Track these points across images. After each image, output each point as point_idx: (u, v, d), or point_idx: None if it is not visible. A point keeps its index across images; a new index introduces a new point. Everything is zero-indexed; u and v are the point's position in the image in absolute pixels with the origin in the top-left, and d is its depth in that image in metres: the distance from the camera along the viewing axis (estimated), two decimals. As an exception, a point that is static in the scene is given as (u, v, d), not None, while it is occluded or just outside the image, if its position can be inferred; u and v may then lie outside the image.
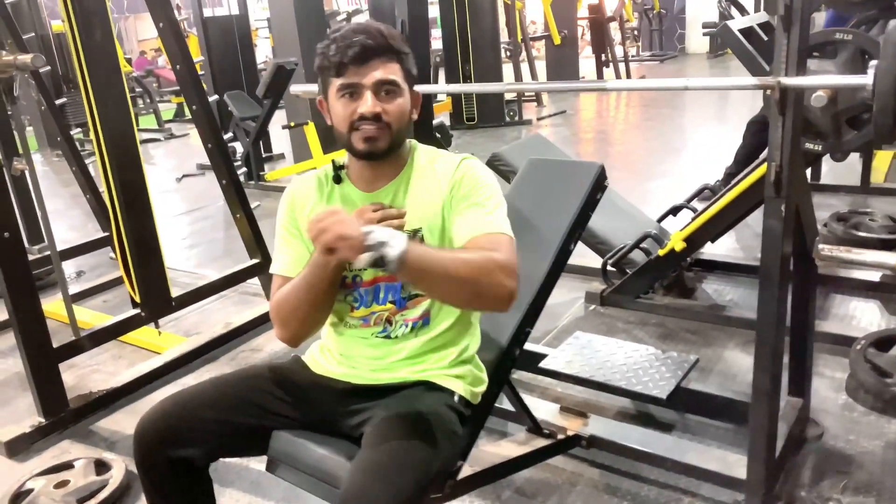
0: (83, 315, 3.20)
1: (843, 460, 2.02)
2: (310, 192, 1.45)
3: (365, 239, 1.11)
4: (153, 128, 9.89)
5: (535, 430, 1.99)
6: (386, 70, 1.31)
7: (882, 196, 4.28)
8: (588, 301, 3.15)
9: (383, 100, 1.32)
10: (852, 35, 2.03)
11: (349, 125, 1.33)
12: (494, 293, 1.25)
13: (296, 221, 1.44)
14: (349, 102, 1.32)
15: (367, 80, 1.30)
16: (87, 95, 2.54)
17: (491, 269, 1.24)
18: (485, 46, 7.86)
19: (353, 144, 1.34)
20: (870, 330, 2.61)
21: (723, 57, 13.12)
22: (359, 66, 1.30)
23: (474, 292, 1.25)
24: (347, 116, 1.32)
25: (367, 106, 1.30)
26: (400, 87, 1.34)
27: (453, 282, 1.22)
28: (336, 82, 1.32)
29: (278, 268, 1.44)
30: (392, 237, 1.13)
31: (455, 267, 1.22)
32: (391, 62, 1.33)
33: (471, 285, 1.23)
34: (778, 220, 1.61)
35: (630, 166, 5.78)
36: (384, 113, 1.32)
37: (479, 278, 1.23)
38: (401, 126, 1.35)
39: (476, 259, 1.25)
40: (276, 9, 6.65)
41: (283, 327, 1.39)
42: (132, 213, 2.69)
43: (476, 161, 1.43)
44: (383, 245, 1.11)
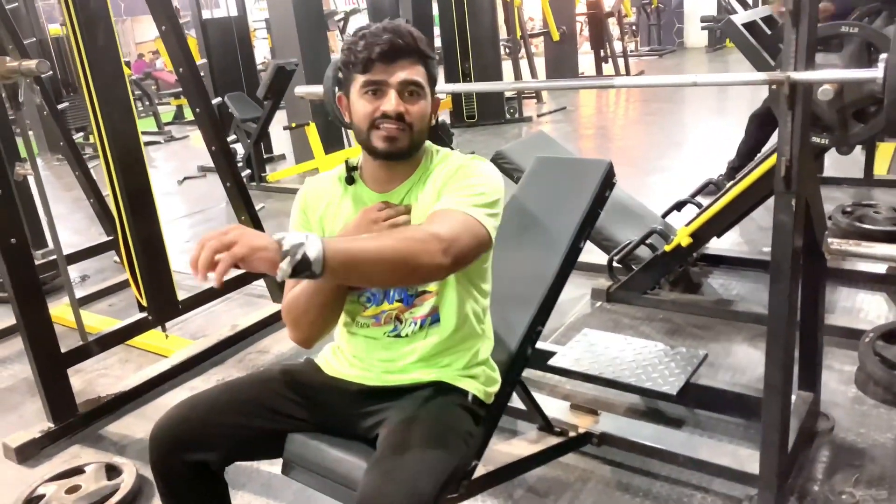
0: (89, 319, 3.19)
1: (855, 454, 2.02)
2: (323, 192, 1.45)
3: (280, 245, 1.02)
4: (153, 130, 9.89)
5: (547, 428, 1.99)
6: (412, 71, 1.31)
7: (885, 188, 4.28)
8: (594, 298, 3.15)
9: (407, 100, 1.31)
10: (858, 28, 2.03)
11: (370, 122, 1.32)
12: (426, 268, 1.17)
13: (308, 223, 1.44)
14: (372, 100, 1.31)
15: (392, 78, 1.30)
16: (90, 98, 2.54)
17: (419, 242, 1.16)
18: (484, 44, 7.85)
19: (373, 143, 1.33)
20: (877, 323, 2.61)
21: (721, 51, 13.11)
22: (386, 64, 1.29)
23: (407, 271, 1.17)
24: (369, 114, 1.31)
25: (392, 105, 1.29)
26: (424, 89, 1.33)
27: (383, 266, 1.14)
28: (360, 79, 1.31)
29: None
30: (306, 238, 1.04)
31: (379, 251, 1.13)
32: (417, 64, 1.32)
33: (402, 265, 1.15)
34: (788, 215, 1.60)
35: (632, 161, 5.77)
36: (407, 113, 1.31)
37: (407, 256, 1.14)
38: (421, 128, 1.35)
39: (406, 235, 1.21)
40: (275, 10, 6.64)
41: (295, 329, 1.41)
42: (137, 216, 2.68)
43: (482, 160, 1.41)
44: (300, 247, 1.03)
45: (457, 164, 1.39)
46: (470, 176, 1.34)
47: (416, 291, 1.39)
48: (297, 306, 1.37)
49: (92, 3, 2.48)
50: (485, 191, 1.32)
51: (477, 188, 1.31)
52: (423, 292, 1.39)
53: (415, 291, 1.39)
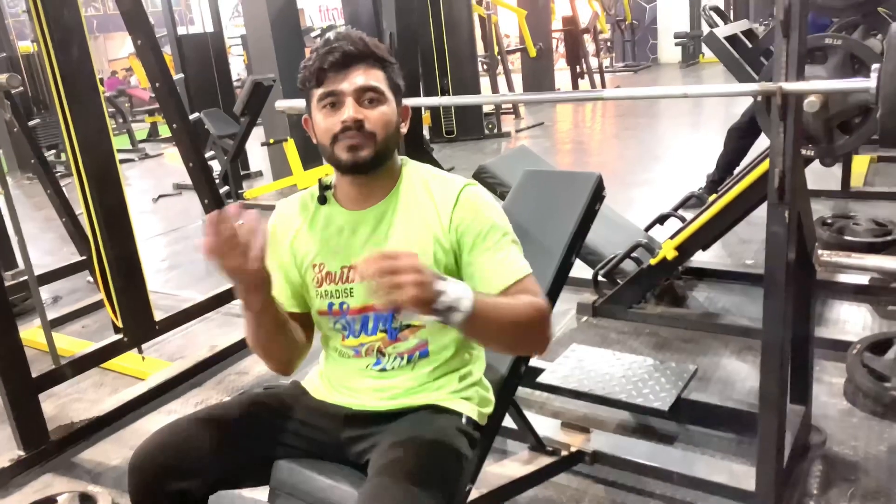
0: (62, 342, 3.10)
1: (849, 467, 2.00)
2: (293, 215, 1.37)
3: (436, 303, 1.02)
4: (127, 148, 9.74)
5: (539, 447, 1.94)
6: (368, 76, 1.24)
7: (862, 200, 4.32)
8: (580, 312, 3.12)
9: (366, 107, 1.24)
10: (842, 40, 2.04)
11: (332, 137, 1.25)
12: (541, 339, 1.23)
13: (276, 251, 1.35)
14: (331, 113, 1.25)
15: (347, 86, 1.23)
16: (63, 114, 2.46)
17: (541, 316, 1.21)
18: (462, 60, 7.87)
19: (337, 156, 1.25)
20: (863, 334, 2.62)
21: (695, 66, 13.31)
22: (338, 72, 1.23)
23: (521, 343, 1.24)
24: (329, 128, 1.25)
25: (349, 113, 1.22)
26: (384, 94, 1.26)
27: (508, 333, 1.19)
28: (316, 93, 1.25)
29: None
30: (461, 297, 1.04)
31: (512, 318, 1.17)
32: (373, 69, 1.26)
33: (524, 334, 1.21)
34: (782, 227, 1.58)
35: (612, 175, 5.78)
36: (367, 120, 1.23)
37: (528, 329, 1.20)
38: (386, 136, 1.26)
39: (528, 309, 1.20)
40: (251, 26, 6.60)
41: (267, 361, 1.34)
42: (113, 235, 2.60)
43: (478, 189, 1.34)
44: (451, 311, 1.04)
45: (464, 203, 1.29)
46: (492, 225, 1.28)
47: (400, 324, 1.31)
48: (255, 342, 1.29)
49: (65, 18, 2.42)
50: (513, 235, 1.30)
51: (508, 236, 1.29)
52: (408, 326, 1.31)
53: (399, 325, 1.31)
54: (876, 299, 2.98)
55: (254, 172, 7.33)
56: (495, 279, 1.24)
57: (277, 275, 1.34)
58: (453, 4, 7.74)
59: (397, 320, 1.31)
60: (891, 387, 2.24)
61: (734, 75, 2.52)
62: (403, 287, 0.98)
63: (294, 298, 1.37)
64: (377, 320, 1.32)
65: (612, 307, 3.04)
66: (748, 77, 2.47)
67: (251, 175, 7.27)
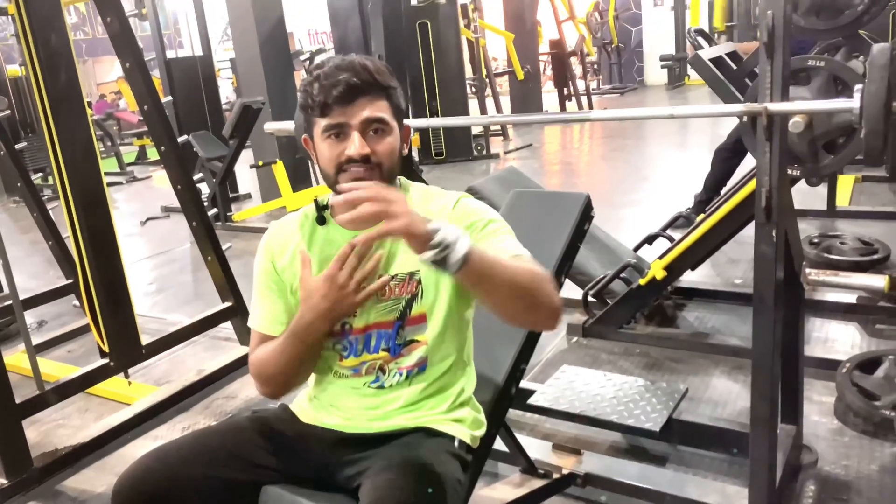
0: (47, 367, 3.05)
1: (841, 487, 1.99)
2: (289, 235, 1.37)
3: (431, 237, 1.03)
4: (115, 171, 9.73)
5: (530, 470, 1.93)
6: (374, 108, 1.24)
7: (848, 219, 4.36)
8: (570, 333, 3.12)
9: (372, 139, 1.24)
10: (825, 62, 2.07)
11: (336, 167, 1.25)
12: (548, 305, 1.18)
13: (275, 273, 1.35)
14: (336, 143, 1.24)
15: (353, 119, 1.23)
16: (50, 138, 2.46)
17: (539, 280, 1.17)
18: (450, 82, 7.93)
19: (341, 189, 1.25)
20: (852, 352, 2.62)
21: (681, 87, 13.45)
22: (344, 105, 1.22)
23: (532, 303, 1.17)
24: (334, 158, 1.25)
25: (355, 148, 1.22)
26: (389, 124, 1.26)
27: (513, 288, 1.14)
28: (321, 122, 1.25)
29: (257, 324, 1.37)
30: (457, 238, 1.05)
31: (514, 272, 1.14)
32: (379, 99, 1.25)
33: (529, 294, 1.16)
34: (770, 246, 1.59)
35: (601, 196, 5.81)
36: (373, 154, 1.24)
37: (536, 287, 1.16)
38: (391, 165, 1.28)
39: (525, 271, 1.17)
40: (241, 49, 6.63)
41: (266, 385, 1.34)
42: (99, 259, 2.58)
43: (472, 198, 1.37)
44: (448, 248, 1.04)
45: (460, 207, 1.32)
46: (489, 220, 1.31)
47: (404, 340, 1.32)
48: (269, 365, 1.31)
49: (53, 42, 2.42)
50: (508, 226, 1.32)
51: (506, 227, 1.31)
52: (411, 341, 1.32)
53: (403, 340, 1.32)
54: (864, 318, 2.99)
55: (243, 195, 7.32)
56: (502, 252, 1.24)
57: (275, 297, 1.35)
58: (442, 28, 7.81)
59: (401, 336, 1.31)
60: (881, 405, 2.24)
61: (720, 96, 2.55)
62: (397, 215, 1.02)
63: (286, 323, 1.34)
64: (380, 338, 1.32)
65: (603, 328, 3.04)
66: (733, 98, 2.49)
67: (240, 197, 7.25)
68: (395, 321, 1.31)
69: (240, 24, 6.45)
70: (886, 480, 2.00)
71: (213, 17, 9.40)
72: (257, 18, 6.25)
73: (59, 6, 2.45)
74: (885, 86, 1.35)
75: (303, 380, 1.37)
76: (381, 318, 1.31)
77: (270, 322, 1.35)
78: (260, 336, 1.36)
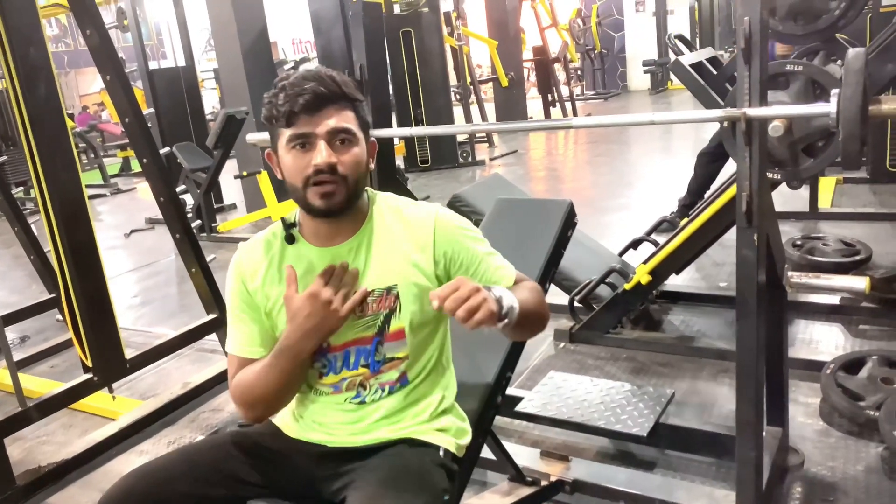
0: (29, 383, 3.02)
1: (827, 488, 2.00)
2: (259, 258, 1.33)
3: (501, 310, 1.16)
4: (98, 183, 9.66)
5: (518, 478, 1.93)
6: (340, 118, 1.22)
7: (830, 220, 4.40)
8: (557, 339, 3.12)
9: (338, 150, 1.22)
10: (803, 66, 2.09)
11: (304, 180, 1.22)
12: (544, 318, 1.35)
13: (247, 295, 1.32)
14: (301, 154, 1.22)
15: (320, 128, 1.21)
16: (30, 152, 2.43)
17: (541, 298, 1.35)
18: (435, 90, 7.95)
19: (310, 201, 1.24)
20: (836, 353, 2.64)
21: (664, 92, 13.56)
22: (311, 114, 1.21)
23: (536, 323, 1.32)
24: (301, 170, 1.22)
25: (322, 157, 1.20)
26: (355, 135, 1.25)
27: (533, 319, 1.29)
28: (286, 133, 1.23)
29: (235, 348, 1.34)
30: (511, 300, 1.18)
31: (533, 303, 1.29)
32: (345, 110, 1.24)
33: (536, 317, 1.30)
34: (751, 250, 1.60)
35: (585, 202, 5.84)
36: (340, 164, 1.22)
37: (540, 310, 1.32)
38: (358, 177, 1.26)
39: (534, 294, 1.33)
40: (224, 59, 6.61)
41: (250, 410, 1.31)
42: (82, 272, 2.56)
43: (447, 212, 1.36)
44: (511, 312, 1.17)
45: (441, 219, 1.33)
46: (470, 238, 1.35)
47: (383, 357, 1.30)
48: (253, 390, 1.28)
49: (32, 56, 2.39)
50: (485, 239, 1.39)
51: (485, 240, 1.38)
52: (391, 359, 1.31)
53: (382, 357, 1.30)
54: (848, 318, 3.02)
55: (228, 205, 7.29)
56: (504, 280, 1.33)
57: (251, 320, 1.33)
58: (425, 36, 7.83)
59: (380, 353, 1.30)
60: (865, 406, 2.26)
61: (700, 101, 2.57)
62: (481, 308, 1.11)
63: (263, 346, 1.32)
64: (359, 354, 1.30)
65: (589, 333, 3.05)
66: (714, 103, 2.51)
67: (225, 208, 7.22)
68: (374, 336, 1.30)
69: (222, 35, 6.44)
70: (872, 481, 2.01)
71: (197, 27, 9.38)
72: (240, 28, 6.24)
73: (37, 20, 2.43)
74: (860, 90, 1.36)
75: (289, 401, 1.35)
76: (359, 334, 1.30)
77: (248, 345, 1.33)
78: (238, 360, 1.33)
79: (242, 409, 1.32)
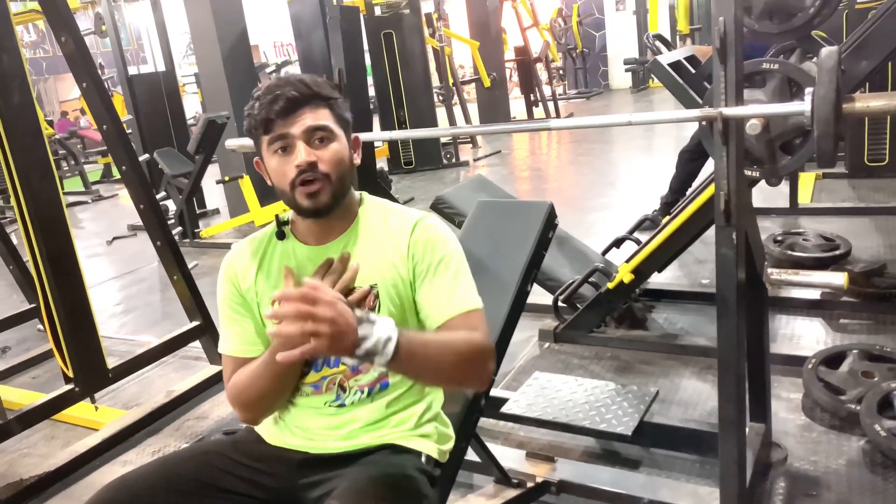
0: (10, 394, 2.99)
1: (810, 482, 2.02)
2: (249, 256, 1.35)
3: (357, 349, 1.05)
4: (80, 190, 9.57)
5: (504, 480, 1.93)
6: (315, 117, 1.25)
7: (810, 216, 4.44)
8: (542, 339, 3.12)
9: (317, 147, 1.25)
10: (779, 65, 2.10)
11: (290, 183, 1.25)
12: (477, 376, 1.25)
13: (238, 294, 1.34)
14: (283, 158, 1.25)
15: (295, 128, 1.23)
16: (5, 160, 2.40)
17: (475, 354, 1.22)
18: (417, 92, 7.94)
19: (298, 202, 1.27)
20: (817, 348, 2.66)
21: (645, 91, 13.63)
22: (286, 118, 1.23)
23: (458, 378, 1.24)
24: (285, 173, 1.25)
25: (302, 156, 1.23)
26: (333, 132, 1.27)
27: (439, 371, 1.20)
28: (266, 139, 1.26)
29: (229, 349, 1.35)
30: (386, 340, 1.06)
31: (440, 356, 1.19)
32: (320, 108, 1.26)
33: (456, 372, 1.22)
34: (730, 248, 1.61)
35: (569, 201, 5.86)
36: (320, 161, 1.24)
37: (464, 365, 1.21)
38: (341, 173, 1.28)
39: (460, 345, 1.22)
40: (204, 64, 6.57)
41: (247, 411, 1.32)
42: (61, 282, 2.53)
43: (434, 220, 1.36)
44: (374, 354, 1.06)
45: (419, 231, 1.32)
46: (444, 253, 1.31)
47: None
48: (249, 391, 1.29)
49: (5, 64, 2.36)
50: (464, 267, 1.32)
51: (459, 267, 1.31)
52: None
53: None
54: (829, 313, 3.05)
55: (210, 210, 7.24)
56: (440, 311, 1.27)
57: (243, 319, 1.34)
58: (406, 38, 7.82)
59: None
60: (846, 400, 2.28)
61: (679, 100, 2.57)
62: (320, 336, 1.00)
63: (257, 344, 1.33)
64: None
65: (573, 332, 3.05)
66: (693, 102, 2.52)
67: (208, 213, 7.17)
68: None
69: (202, 39, 6.39)
70: (854, 474, 2.03)
71: (177, 31, 9.31)
72: (219, 32, 6.20)
73: (10, 27, 2.40)
74: (833, 88, 1.38)
75: (283, 400, 1.34)
76: None
77: (242, 344, 1.34)
78: (233, 360, 1.34)
79: (239, 410, 1.32)
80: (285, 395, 1.33)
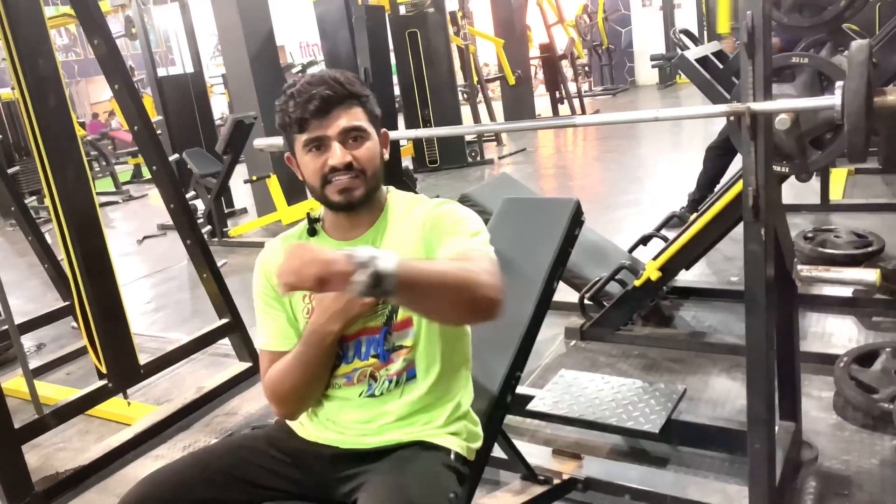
0: (46, 390, 3.06)
1: (842, 482, 1.99)
2: (281, 254, 1.37)
3: (352, 257, 0.99)
4: (111, 190, 9.75)
5: (530, 476, 1.93)
6: (350, 117, 1.28)
7: (842, 212, 4.37)
8: (568, 337, 3.12)
9: (351, 147, 1.28)
10: (809, 59, 2.07)
11: (321, 179, 1.29)
12: (485, 297, 1.13)
13: (272, 290, 1.37)
14: (317, 155, 1.28)
15: (331, 130, 1.27)
16: (41, 161, 2.46)
17: (477, 272, 1.14)
18: (442, 90, 7.95)
19: (329, 197, 1.30)
20: (849, 346, 2.62)
21: (672, 87, 13.49)
22: (321, 118, 1.26)
23: (468, 299, 1.12)
24: (318, 170, 1.29)
25: (337, 157, 1.27)
26: (366, 131, 1.30)
27: (447, 290, 1.11)
28: (301, 138, 1.29)
29: (264, 343, 1.38)
30: (379, 251, 1.02)
31: (445, 272, 1.12)
32: (353, 107, 1.29)
33: (464, 292, 1.12)
34: (758, 245, 1.60)
35: (595, 198, 5.83)
36: (355, 161, 1.28)
37: (470, 283, 1.12)
38: (374, 170, 1.32)
39: (461, 264, 1.16)
40: (231, 65, 6.65)
41: (282, 405, 1.35)
42: (94, 280, 2.59)
43: (450, 205, 1.39)
44: (374, 259, 0.99)
45: (437, 210, 1.35)
46: (459, 217, 1.32)
47: (392, 346, 1.33)
48: (283, 384, 1.31)
49: (41, 67, 2.43)
50: (480, 227, 1.32)
51: (473, 226, 1.31)
52: (399, 347, 1.33)
53: (391, 346, 1.33)
54: (861, 311, 3.00)
55: (238, 210, 7.32)
56: (443, 253, 1.26)
57: (278, 313, 1.37)
58: (431, 36, 7.83)
59: (389, 342, 1.32)
60: (879, 398, 2.24)
61: (707, 96, 2.55)
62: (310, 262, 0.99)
63: (287, 336, 1.36)
64: (369, 344, 1.33)
65: (600, 330, 3.04)
66: (721, 97, 2.49)
67: (236, 212, 7.26)
68: (382, 326, 1.32)
69: (229, 40, 6.47)
70: (887, 474, 2.00)
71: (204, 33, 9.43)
72: (246, 34, 6.27)
73: (45, 32, 2.46)
74: (864, 82, 1.36)
75: (318, 393, 1.36)
76: (368, 323, 1.32)
77: (278, 338, 1.36)
78: (270, 355, 1.37)
79: (274, 404, 1.35)
80: (318, 387, 1.35)
